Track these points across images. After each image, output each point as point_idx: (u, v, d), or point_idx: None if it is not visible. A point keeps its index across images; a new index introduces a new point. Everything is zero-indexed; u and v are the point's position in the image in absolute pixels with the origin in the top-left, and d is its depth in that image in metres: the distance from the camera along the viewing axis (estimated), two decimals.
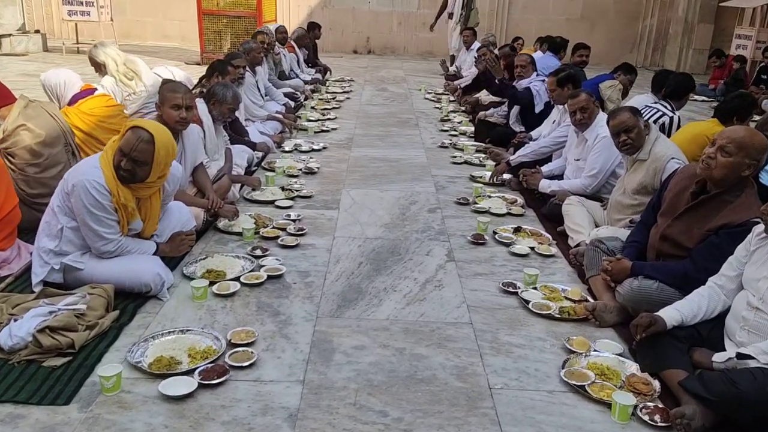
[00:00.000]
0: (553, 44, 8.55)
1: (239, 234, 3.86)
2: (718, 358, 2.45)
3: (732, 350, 2.46)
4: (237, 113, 5.68)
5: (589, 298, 3.24)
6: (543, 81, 6.09)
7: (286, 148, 6.01)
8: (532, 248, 3.88)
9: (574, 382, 2.49)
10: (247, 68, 6.36)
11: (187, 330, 2.73)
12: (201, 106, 4.38)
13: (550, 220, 4.39)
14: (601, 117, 4.34)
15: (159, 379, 2.40)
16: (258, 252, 3.59)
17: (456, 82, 9.49)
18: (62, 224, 2.91)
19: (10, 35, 12.17)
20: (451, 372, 2.58)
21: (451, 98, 9.16)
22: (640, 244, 3.20)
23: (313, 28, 10.62)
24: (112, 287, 2.90)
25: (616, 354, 2.72)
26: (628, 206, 3.70)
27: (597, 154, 4.23)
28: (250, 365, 2.52)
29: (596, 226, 3.95)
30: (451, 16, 11.45)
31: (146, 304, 2.99)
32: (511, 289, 3.30)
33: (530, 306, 3.11)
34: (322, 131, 6.86)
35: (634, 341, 2.68)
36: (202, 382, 2.38)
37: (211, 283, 3.17)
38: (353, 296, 3.20)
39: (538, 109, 5.93)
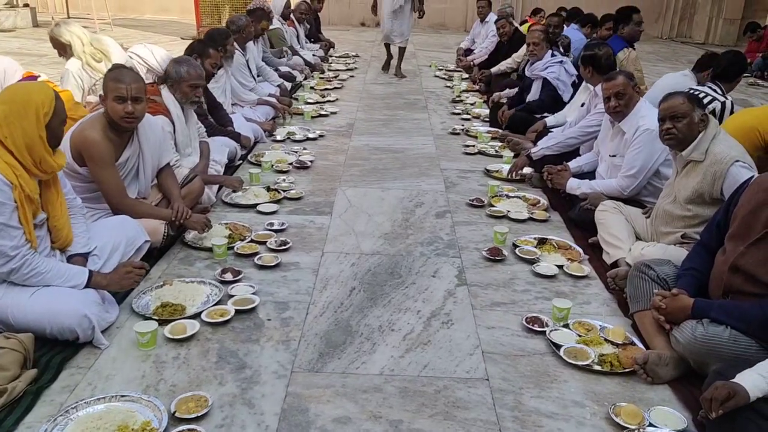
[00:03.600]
0: (573, 15, 7.75)
1: (210, 250, 3.24)
2: None
3: None
4: (223, 99, 5.06)
5: (635, 340, 2.59)
6: (561, 61, 5.37)
7: (278, 137, 5.36)
8: (561, 267, 3.23)
9: None
10: (237, 46, 5.70)
11: (122, 396, 2.13)
12: (166, 92, 3.72)
13: (579, 227, 3.73)
14: (642, 105, 3.64)
15: None
16: (228, 276, 2.97)
17: (470, 58, 8.73)
18: None
19: None
20: None
21: (464, 76, 8.42)
22: (700, 273, 2.54)
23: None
24: (31, 338, 2.29)
25: (679, 431, 2.08)
26: (680, 218, 3.02)
27: (637, 150, 3.54)
28: None
29: (637, 239, 3.30)
30: None
31: (78, 354, 2.38)
32: (536, 327, 2.66)
33: (562, 353, 2.47)
34: (321, 116, 6.19)
35: (703, 414, 2.04)
36: None
37: (166, 322, 2.56)
38: (340, 339, 2.57)
39: (567, 96, 5.20)
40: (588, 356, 2.45)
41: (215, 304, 2.73)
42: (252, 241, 3.38)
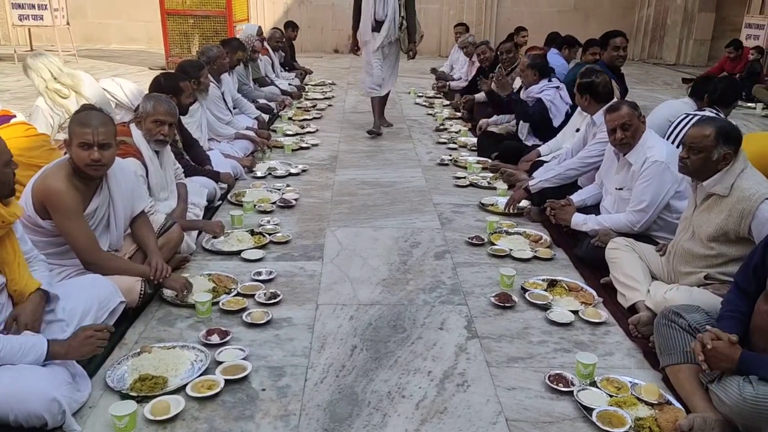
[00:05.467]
0: (552, 40, 7.69)
1: (193, 306, 2.92)
2: None
3: None
4: (199, 134, 4.77)
5: (671, 399, 2.35)
6: (557, 87, 5.21)
7: (258, 174, 5.07)
8: (575, 312, 2.99)
9: None
10: (211, 78, 5.42)
11: None
12: (137, 132, 3.43)
13: (588, 265, 3.51)
14: (649, 136, 3.47)
15: None
16: (214, 338, 2.66)
17: (450, 84, 8.58)
18: None
19: None
20: None
21: (445, 102, 8.26)
22: (744, 316, 2.31)
23: (288, 27, 9.65)
24: None
25: None
26: (701, 257, 2.81)
27: (646, 183, 3.35)
28: None
29: (653, 278, 3.09)
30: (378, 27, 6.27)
31: None
32: (562, 387, 2.40)
33: (594, 419, 2.21)
34: (301, 148, 5.92)
35: None
36: None
37: (145, 398, 2.24)
38: (346, 410, 2.27)
39: (557, 122, 5.04)
40: (624, 421, 2.20)
41: (202, 374, 2.41)
42: (239, 294, 3.08)
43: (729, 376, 2.14)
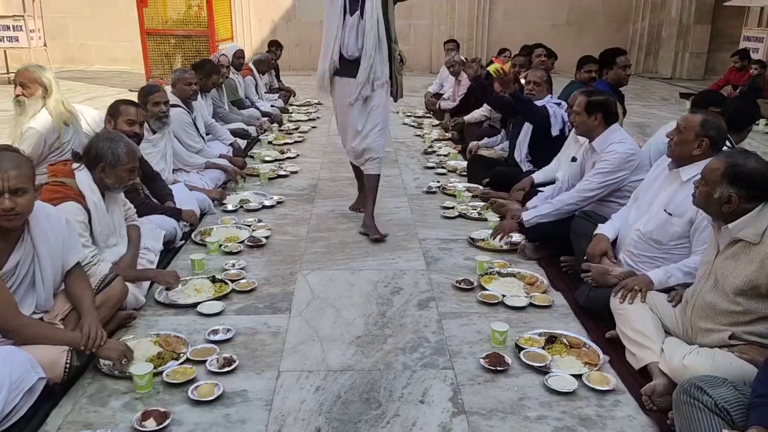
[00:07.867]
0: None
1: (132, 378, 2.50)
2: None
3: None
4: (163, 165, 4.36)
5: None
6: (559, 104, 4.84)
7: (229, 207, 4.65)
8: (579, 376, 2.57)
9: None
10: (180, 102, 5.04)
11: None
12: (83, 174, 3.02)
13: (589, 313, 3.10)
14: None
15: None
16: (150, 423, 2.23)
17: (440, 103, 8.21)
18: None
19: None
20: None
21: (435, 122, 7.88)
22: None
23: (271, 47, 9.30)
24: None
25: None
26: (725, 313, 2.40)
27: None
28: None
29: (666, 333, 2.68)
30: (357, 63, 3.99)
31: None
32: None
33: None
34: (279, 177, 5.52)
35: None
36: None
37: None
38: None
39: (554, 130, 4.63)
40: None
41: None
42: (188, 360, 2.65)
43: None
